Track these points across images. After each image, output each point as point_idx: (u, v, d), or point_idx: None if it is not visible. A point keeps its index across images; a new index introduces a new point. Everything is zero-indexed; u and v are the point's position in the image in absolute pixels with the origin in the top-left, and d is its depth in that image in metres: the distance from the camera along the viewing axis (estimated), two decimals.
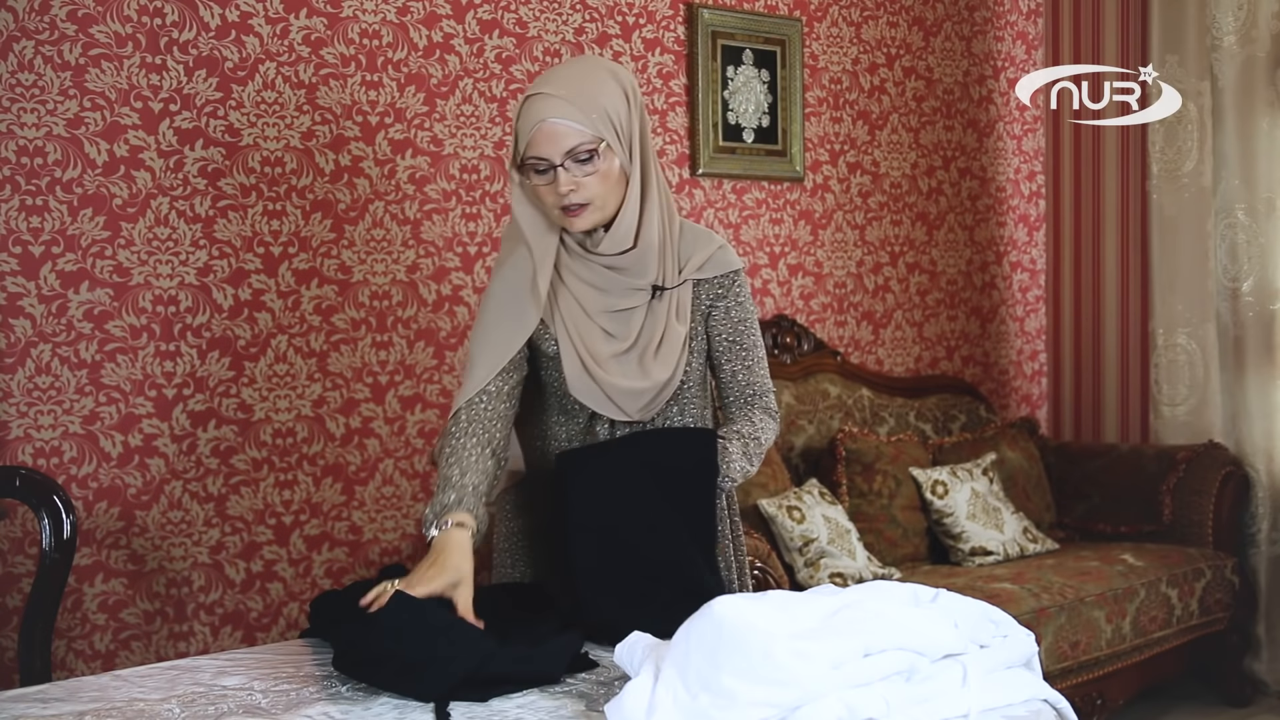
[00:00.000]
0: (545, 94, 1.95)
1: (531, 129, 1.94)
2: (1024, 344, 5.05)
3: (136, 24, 3.06)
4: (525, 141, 1.95)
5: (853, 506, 3.87)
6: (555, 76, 2.00)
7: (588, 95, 1.95)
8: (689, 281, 2.09)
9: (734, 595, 1.65)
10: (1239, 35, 4.22)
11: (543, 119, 1.93)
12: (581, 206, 1.97)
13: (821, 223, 4.40)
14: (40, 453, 2.96)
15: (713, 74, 4.05)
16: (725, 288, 2.12)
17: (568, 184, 1.94)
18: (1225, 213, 4.30)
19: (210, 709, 1.69)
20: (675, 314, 2.07)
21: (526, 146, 1.95)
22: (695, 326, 2.11)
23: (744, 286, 2.15)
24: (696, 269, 2.09)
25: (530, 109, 1.95)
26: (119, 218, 3.05)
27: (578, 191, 1.95)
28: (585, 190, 1.96)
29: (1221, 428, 4.37)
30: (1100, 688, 3.66)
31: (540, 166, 1.95)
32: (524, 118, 1.96)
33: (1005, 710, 1.61)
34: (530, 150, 1.95)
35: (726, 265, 2.11)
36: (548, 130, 1.93)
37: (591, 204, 1.97)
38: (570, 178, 1.94)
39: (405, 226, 3.46)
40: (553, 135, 1.93)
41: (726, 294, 2.12)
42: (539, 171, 1.96)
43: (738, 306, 2.14)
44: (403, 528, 3.48)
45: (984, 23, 4.89)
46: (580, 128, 1.94)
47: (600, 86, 1.97)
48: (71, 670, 2.97)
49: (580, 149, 1.94)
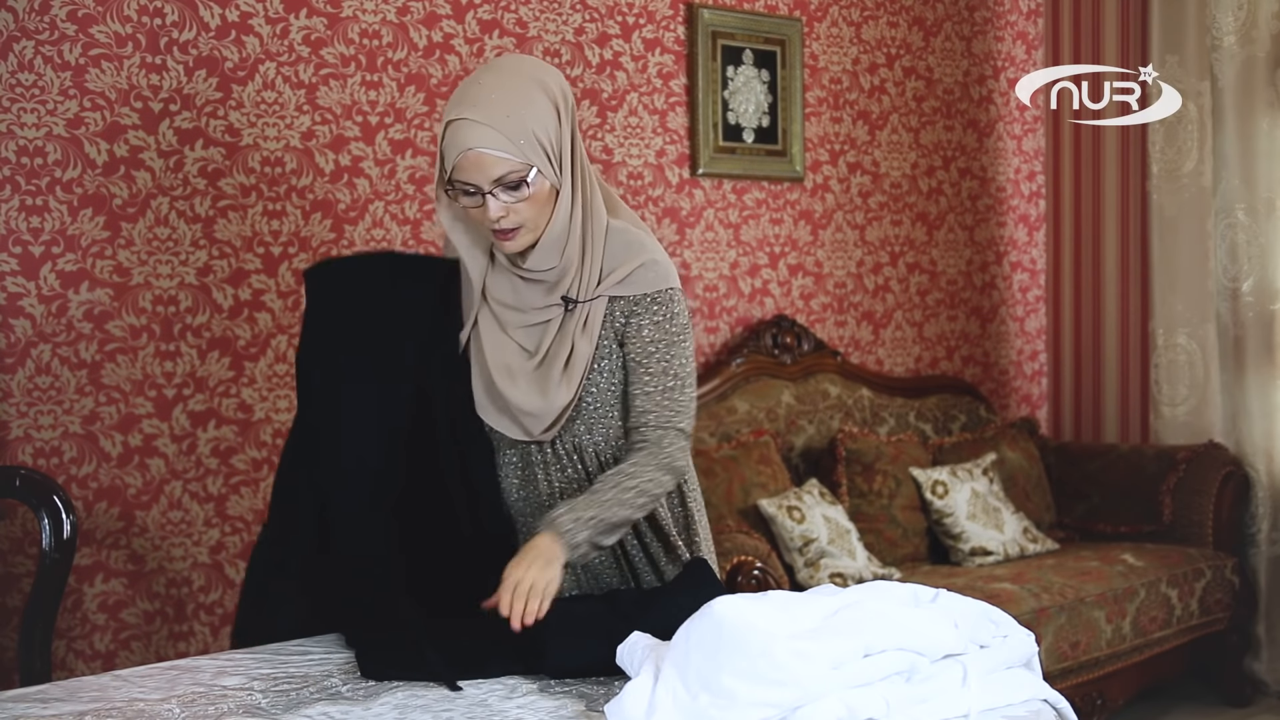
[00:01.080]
0: (470, 120, 1.84)
1: (457, 156, 1.85)
2: (1024, 344, 5.06)
3: (136, 24, 3.06)
4: (451, 165, 1.87)
5: (853, 506, 3.87)
6: (480, 97, 1.86)
7: (516, 119, 1.84)
8: (604, 297, 1.98)
9: (734, 595, 1.65)
10: (1239, 35, 4.22)
11: (468, 148, 1.84)
12: (514, 230, 1.89)
13: (821, 223, 4.40)
14: (40, 453, 2.96)
15: (713, 74, 4.05)
16: (644, 306, 1.98)
17: (498, 211, 1.86)
18: (1225, 213, 4.30)
19: (210, 709, 1.69)
20: (581, 330, 1.96)
21: (453, 170, 1.87)
22: (607, 344, 1.99)
23: (669, 306, 1.99)
24: (615, 284, 1.97)
25: (455, 135, 1.85)
26: (119, 218, 3.05)
27: (508, 217, 1.87)
28: (516, 215, 1.88)
29: (1221, 428, 4.37)
30: (1100, 688, 3.66)
31: (469, 190, 1.87)
32: (449, 142, 1.86)
33: (1005, 710, 1.61)
34: (458, 175, 1.86)
35: (648, 285, 1.97)
36: (474, 159, 1.84)
37: (523, 227, 1.89)
38: (500, 205, 1.86)
39: (405, 226, 3.46)
40: (479, 164, 1.84)
41: (644, 313, 1.98)
42: (467, 194, 1.88)
43: (653, 326, 1.98)
44: None
45: (984, 23, 4.89)
46: (508, 156, 1.84)
47: (529, 106, 1.86)
48: (71, 670, 2.97)
49: (509, 177, 1.85)
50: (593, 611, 1.93)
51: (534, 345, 1.97)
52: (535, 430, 1.98)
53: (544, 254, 1.93)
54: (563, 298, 1.96)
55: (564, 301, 1.96)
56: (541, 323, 1.98)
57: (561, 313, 1.97)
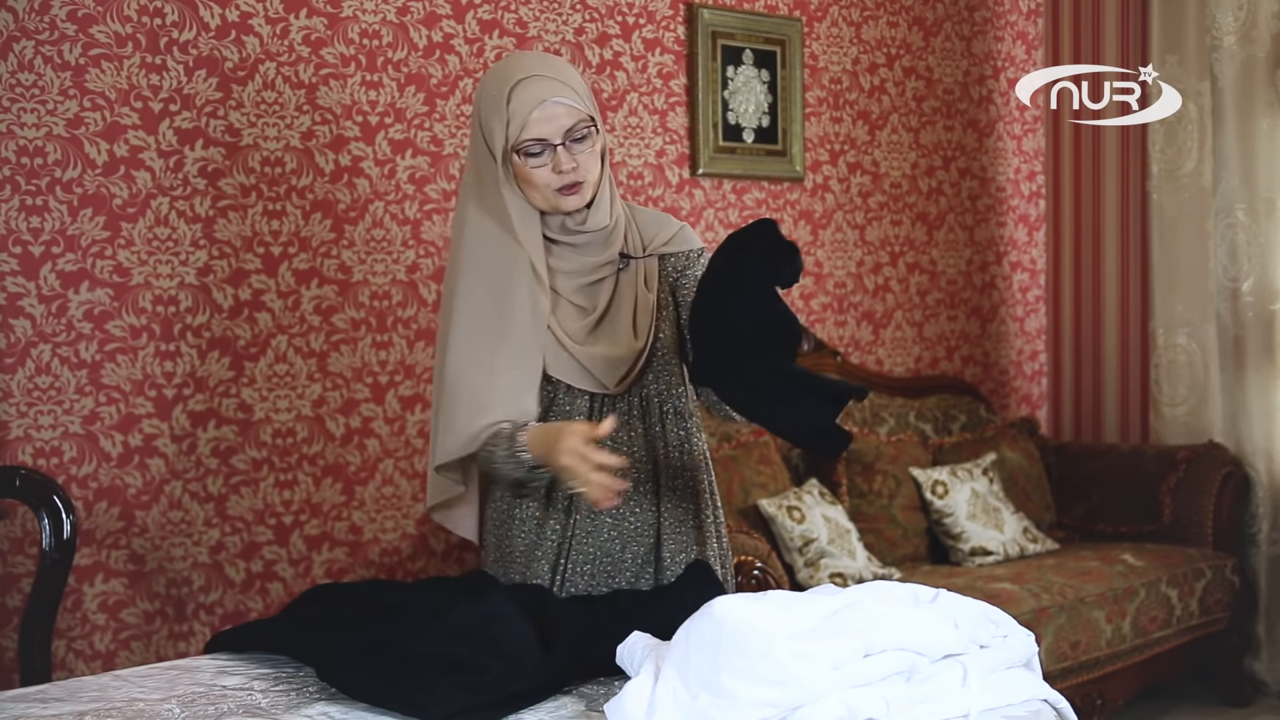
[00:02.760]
0: (541, 75, 1.97)
1: (530, 110, 1.95)
2: (1024, 344, 5.05)
3: (136, 24, 3.06)
4: (520, 123, 1.96)
5: (853, 506, 3.87)
6: (537, 61, 2.04)
7: (572, 76, 2.01)
8: (654, 256, 2.13)
9: (734, 595, 1.65)
10: (1239, 35, 4.22)
11: (544, 99, 1.95)
12: (578, 184, 1.99)
13: (821, 223, 4.40)
14: (40, 453, 2.96)
15: (713, 74, 4.05)
16: (692, 260, 2.15)
17: (569, 162, 1.97)
18: (1225, 213, 4.30)
19: (210, 709, 1.69)
20: (642, 283, 2.10)
21: (523, 129, 1.96)
22: (664, 296, 2.13)
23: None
24: (663, 244, 2.14)
25: (527, 91, 1.96)
26: (119, 218, 3.05)
27: (579, 169, 1.98)
28: (583, 168, 1.99)
29: (1221, 428, 4.37)
30: (1100, 688, 3.66)
31: (535, 149, 1.97)
32: (520, 100, 1.96)
33: (1005, 710, 1.61)
34: (528, 132, 1.96)
35: (690, 243, 2.17)
36: (550, 110, 1.96)
37: (586, 181, 2.00)
38: (569, 156, 1.97)
39: (405, 226, 3.46)
40: (554, 115, 1.96)
41: (694, 265, 2.15)
42: (533, 154, 1.97)
43: None
44: (403, 528, 3.48)
45: (984, 23, 4.89)
46: (577, 106, 1.98)
47: (574, 71, 2.05)
48: (71, 670, 2.97)
49: (578, 128, 1.98)
50: (593, 613, 1.93)
51: (591, 303, 2.08)
52: (610, 382, 2.05)
53: (600, 211, 2.05)
54: (621, 254, 2.09)
55: (621, 258, 2.09)
56: (597, 280, 2.08)
57: (615, 271, 2.09)
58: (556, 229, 2.05)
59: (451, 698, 1.65)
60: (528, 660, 1.73)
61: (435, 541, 3.54)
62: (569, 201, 2.00)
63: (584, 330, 2.05)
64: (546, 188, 1.99)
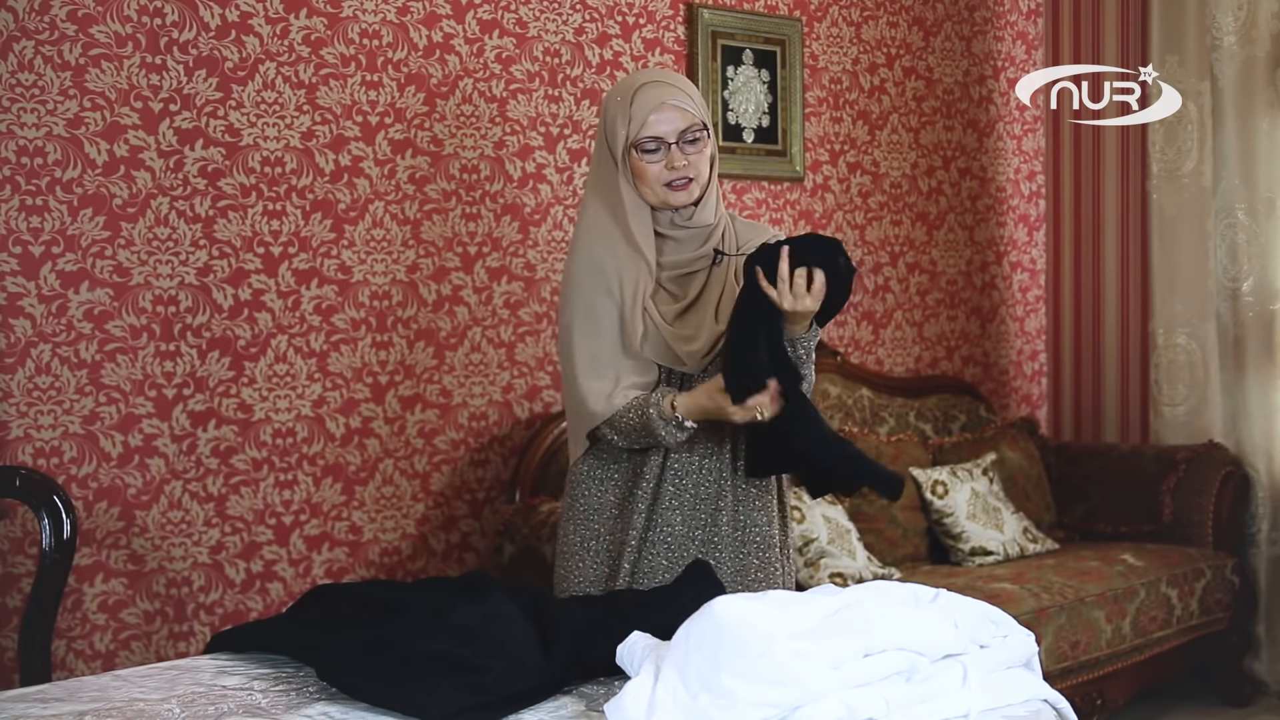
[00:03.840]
0: (663, 82, 2.27)
1: (650, 110, 2.22)
2: (1024, 344, 5.05)
3: (136, 24, 3.06)
4: (640, 123, 2.22)
5: (853, 506, 3.87)
6: (658, 73, 2.43)
7: (689, 86, 2.31)
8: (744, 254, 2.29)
9: (734, 595, 1.65)
10: (1239, 35, 4.21)
11: (664, 100, 2.23)
12: (689, 181, 2.24)
13: (821, 223, 4.40)
14: (40, 453, 2.96)
15: (713, 74, 4.06)
16: None
17: (681, 160, 2.22)
18: (1225, 213, 4.30)
19: (210, 709, 1.69)
20: (734, 277, 2.30)
21: (642, 127, 2.22)
22: None
23: None
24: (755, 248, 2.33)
25: (648, 94, 2.24)
26: (119, 218, 3.05)
27: (689, 167, 2.23)
28: (693, 167, 2.24)
29: (1221, 428, 4.36)
30: (1100, 688, 3.66)
31: (652, 146, 2.22)
32: (641, 102, 2.23)
33: (1005, 710, 1.61)
34: (646, 131, 2.22)
35: None
36: (669, 111, 2.23)
37: (696, 180, 2.24)
38: (682, 155, 2.22)
39: (405, 226, 3.46)
40: (670, 117, 2.23)
41: None
42: (649, 151, 2.22)
43: None
44: (403, 528, 3.48)
45: (984, 23, 4.89)
46: (692, 111, 2.24)
47: (690, 84, 2.34)
48: (71, 670, 2.97)
49: (691, 130, 2.23)
50: (593, 613, 1.93)
51: (682, 291, 2.31)
52: (691, 360, 2.27)
53: (706, 210, 2.30)
54: (716, 250, 2.32)
55: (715, 254, 2.32)
56: (690, 272, 2.32)
57: (708, 265, 2.32)
58: (665, 224, 2.30)
59: (452, 698, 1.66)
60: (528, 660, 1.73)
61: (435, 541, 3.54)
62: (678, 197, 2.25)
63: (673, 314, 2.28)
64: (658, 182, 2.24)
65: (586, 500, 2.34)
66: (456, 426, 3.56)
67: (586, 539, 2.32)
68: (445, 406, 3.54)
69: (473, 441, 3.60)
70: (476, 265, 3.58)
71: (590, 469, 2.34)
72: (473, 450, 3.60)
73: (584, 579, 2.31)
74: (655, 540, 2.27)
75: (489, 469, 3.63)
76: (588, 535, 2.32)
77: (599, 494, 2.33)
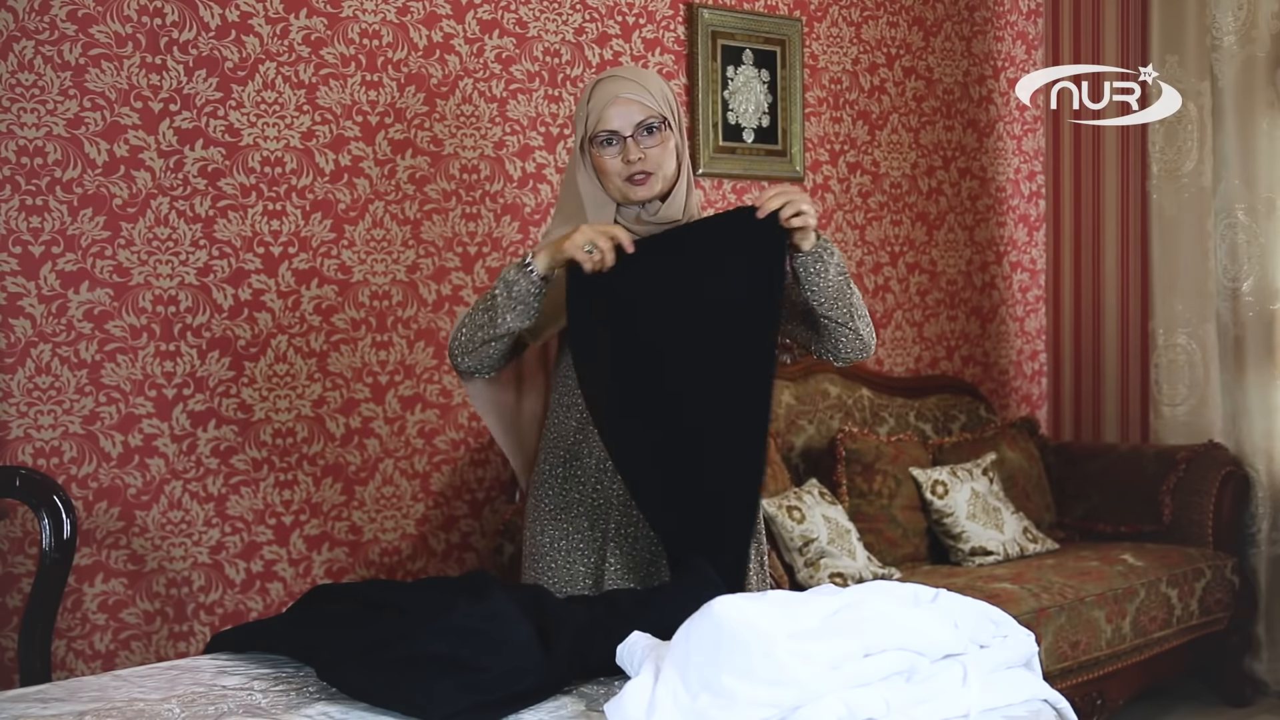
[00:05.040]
0: (618, 76, 2.27)
1: (604, 104, 2.22)
2: (1024, 344, 5.06)
3: (136, 24, 3.06)
4: (597, 118, 2.22)
5: (853, 506, 3.87)
6: (622, 70, 2.39)
7: (651, 81, 2.28)
8: None
9: (734, 595, 1.65)
10: (1239, 35, 4.21)
11: (618, 94, 2.22)
12: (647, 175, 2.22)
13: (821, 223, 4.40)
14: (40, 453, 2.96)
15: (713, 74, 4.06)
16: None
17: (636, 153, 2.20)
18: (1225, 213, 4.30)
19: (210, 709, 1.69)
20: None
21: (598, 122, 2.22)
22: None
23: None
24: None
25: (604, 89, 2.24)
26: (119, 218, 3.05)
27: (645, 160, 2.21)
28: (651, 160, 2.22)
29: (1221, 428, 4.36)
30: (1100, 688, 3.66)
31: (610, 139, 2.21)
32: (597, 97, 2.24)
33: (1005, 710, 1.61)
34: (602, 125, 2.22)
35: None
36: (621, 104, 2.21)
37: (655, 173, 2.23)
38: (638, 147, 2.21)
39: (405, 226, 3.46)
40: (627, 110, 2.21)
41: None
42: (608, 144, 2.22)
43: None
44: (403, 528, 3.48)
45: (984, 23, 4.89)
46: (647, 103, 2.22)
47: (656, 78, 2.32)
48: (71, 670, 2.97)
49: (648, 121, 2.21)
50: (593, 613, 1.93)
51: None
52: None
53: (673, 206, 2.28)
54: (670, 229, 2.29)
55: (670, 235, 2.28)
56: None
57: None
58: (631, 219, 2.28)
59: (452, 698, 1.66)
60: (528, 660, 1.73)
61: (435, 541, 3.54)
62: (638, 191, 2.23)
63: None
64: (617, 176, 2.23)
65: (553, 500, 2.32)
66: (456, 426, 3.56)
67: (556, 539, 2.31)
68: (445, 406, 3.54)
69: (473, 441, 3.60)
70: (476, 265, 3.58)
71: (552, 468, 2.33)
72: (473, 450, 3.60)
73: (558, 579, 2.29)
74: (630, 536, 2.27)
75: (489, 469, 3.63)
76: (557, 535, 2.31)
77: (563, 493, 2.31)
